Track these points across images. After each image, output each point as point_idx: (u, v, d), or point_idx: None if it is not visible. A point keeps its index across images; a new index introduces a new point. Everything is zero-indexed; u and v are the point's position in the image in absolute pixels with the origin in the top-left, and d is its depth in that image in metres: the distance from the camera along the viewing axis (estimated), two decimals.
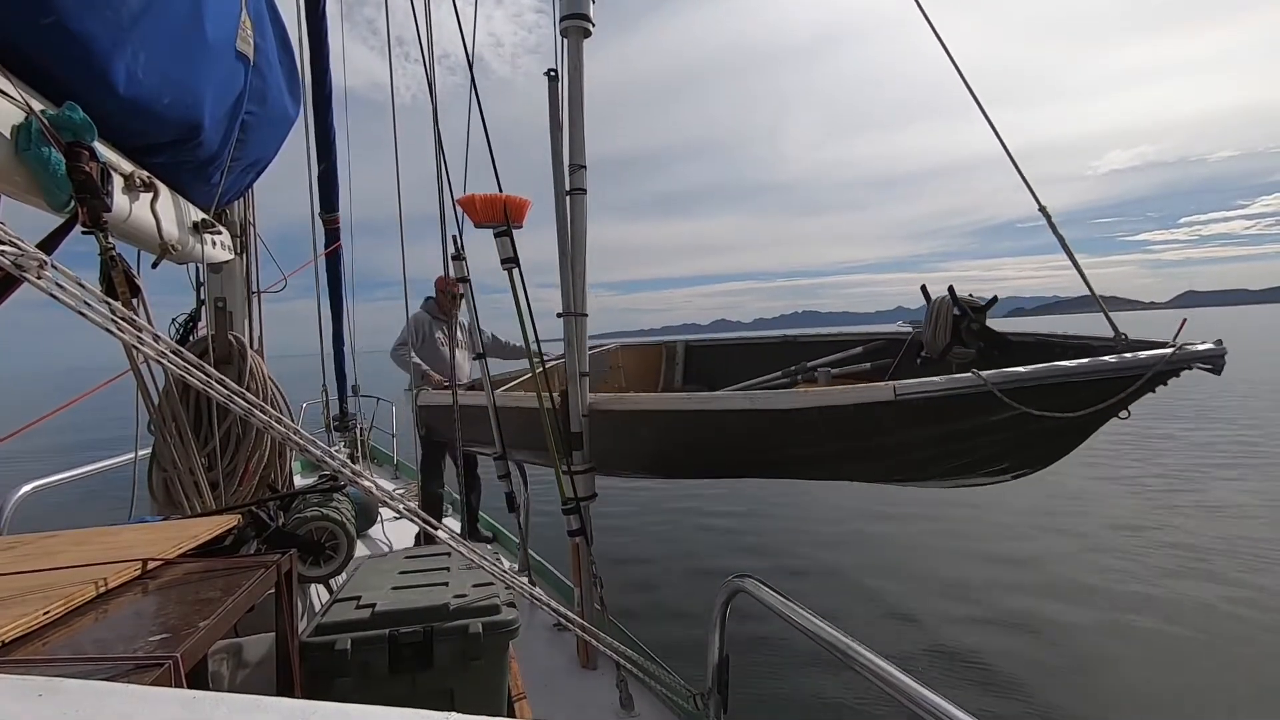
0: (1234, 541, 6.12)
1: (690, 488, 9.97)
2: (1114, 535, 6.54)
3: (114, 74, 1.30)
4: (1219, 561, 5.65)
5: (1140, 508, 7.32)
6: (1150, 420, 11.32)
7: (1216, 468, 8.83)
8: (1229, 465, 9.04)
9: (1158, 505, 7.30)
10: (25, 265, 0.80)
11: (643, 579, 5.97)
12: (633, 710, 2.11)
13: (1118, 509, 7.55)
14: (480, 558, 1.44)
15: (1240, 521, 6.59)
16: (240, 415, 1.08)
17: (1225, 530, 6.40)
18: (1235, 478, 8.38)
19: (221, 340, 2.14)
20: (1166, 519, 6.82)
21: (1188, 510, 7.21)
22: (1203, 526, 6.56)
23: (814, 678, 4.08)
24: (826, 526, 7.77)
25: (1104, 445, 10.07)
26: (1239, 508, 7.16)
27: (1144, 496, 7.85)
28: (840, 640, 1.24)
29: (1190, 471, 8.74)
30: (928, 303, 3.07)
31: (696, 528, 7.85)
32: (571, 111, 2.41)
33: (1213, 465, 9.07)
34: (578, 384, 2.45)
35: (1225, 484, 8.21)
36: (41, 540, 1.25)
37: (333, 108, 4.30)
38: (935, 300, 3.01)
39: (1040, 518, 7.53)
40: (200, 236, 1.93)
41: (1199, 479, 8.45)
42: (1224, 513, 7.07)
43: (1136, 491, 7.95)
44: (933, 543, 7.07)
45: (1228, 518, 6.87)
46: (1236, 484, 8.10)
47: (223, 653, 1.60)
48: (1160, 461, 9.15)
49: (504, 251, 2.55)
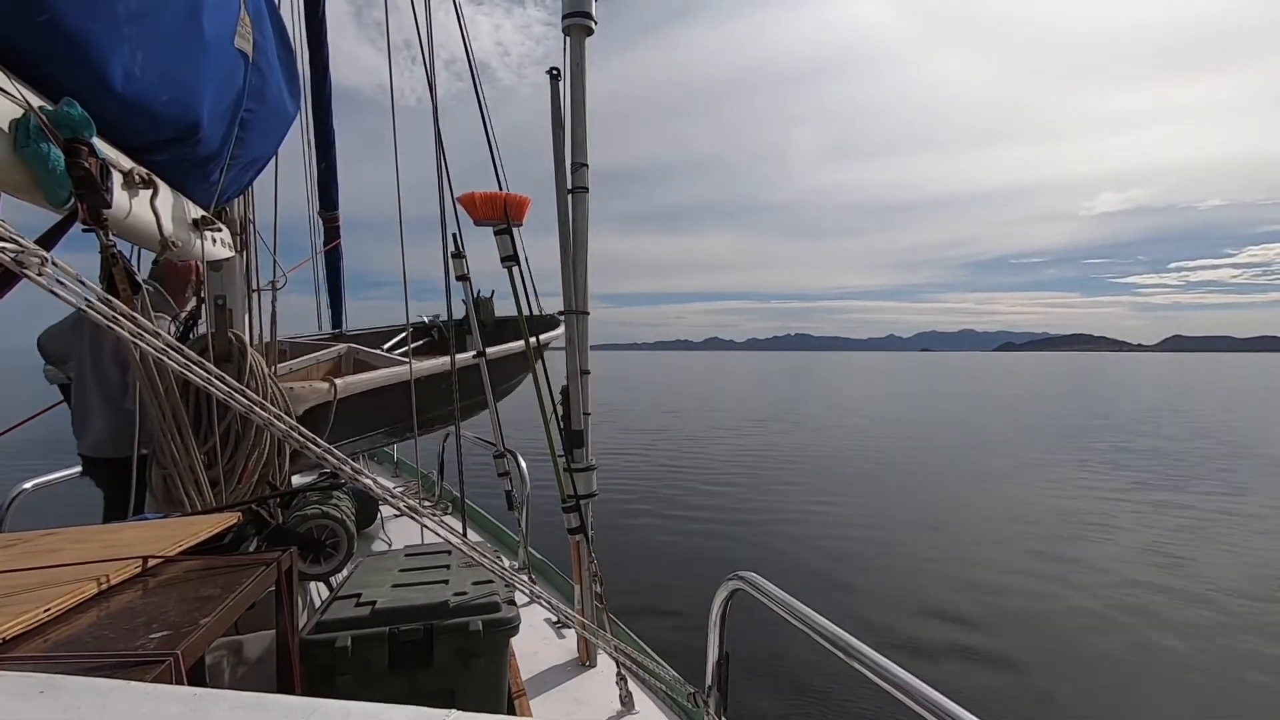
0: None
1: (691, 487, 10.00)
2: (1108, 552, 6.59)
3: (111, 71, 1.29)
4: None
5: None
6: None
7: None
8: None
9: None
10: (25, 262, 0.80)
11: (643, 577, 5.98)
12: (632, 708, 2.11)
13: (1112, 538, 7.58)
14: (480, 555, 1.43)
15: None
16: (240, 413, 1.08)
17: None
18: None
19: (221, 338, 2.13)
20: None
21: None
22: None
23: (813, 674, 4.09)
24: (827, 526, 7.79)
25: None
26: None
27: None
28: (839, 636, 1.24)
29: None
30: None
31: (697, 526, 7.86)
32: (574, 110, 2.41)
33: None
34: (579, 382, 2.45)
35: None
36: (41, 538, 1.25)
37: (333, 106, 4.29)
38: (479, 300, 4.21)
39: (1037, 524, 7.54)
40: (200, 233, 1.93)
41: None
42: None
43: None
44: (933, 542, 7.09)
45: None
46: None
47: (223, 650, 1.60)
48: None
49: (504, 249, 2.55)
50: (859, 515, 8.21)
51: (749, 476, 10.96)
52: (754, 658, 4.23)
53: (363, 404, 2.84)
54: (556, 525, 2.54)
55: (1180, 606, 5.25)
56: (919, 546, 6.93)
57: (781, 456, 13.15)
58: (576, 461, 2.43)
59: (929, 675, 1.04)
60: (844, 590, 5.70)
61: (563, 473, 2.44)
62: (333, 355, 3.66)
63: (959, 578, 5.96)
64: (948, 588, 5.71)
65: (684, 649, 2.93)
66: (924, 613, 5.19)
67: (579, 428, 2.44)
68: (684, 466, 11.88)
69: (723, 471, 11.39)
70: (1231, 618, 5.02)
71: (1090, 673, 4.24)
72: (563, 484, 2.44)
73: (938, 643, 4.68)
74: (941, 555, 6.62)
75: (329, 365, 3.66)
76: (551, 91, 2.44)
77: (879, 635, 4.69)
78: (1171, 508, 8.41)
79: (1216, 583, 5.71)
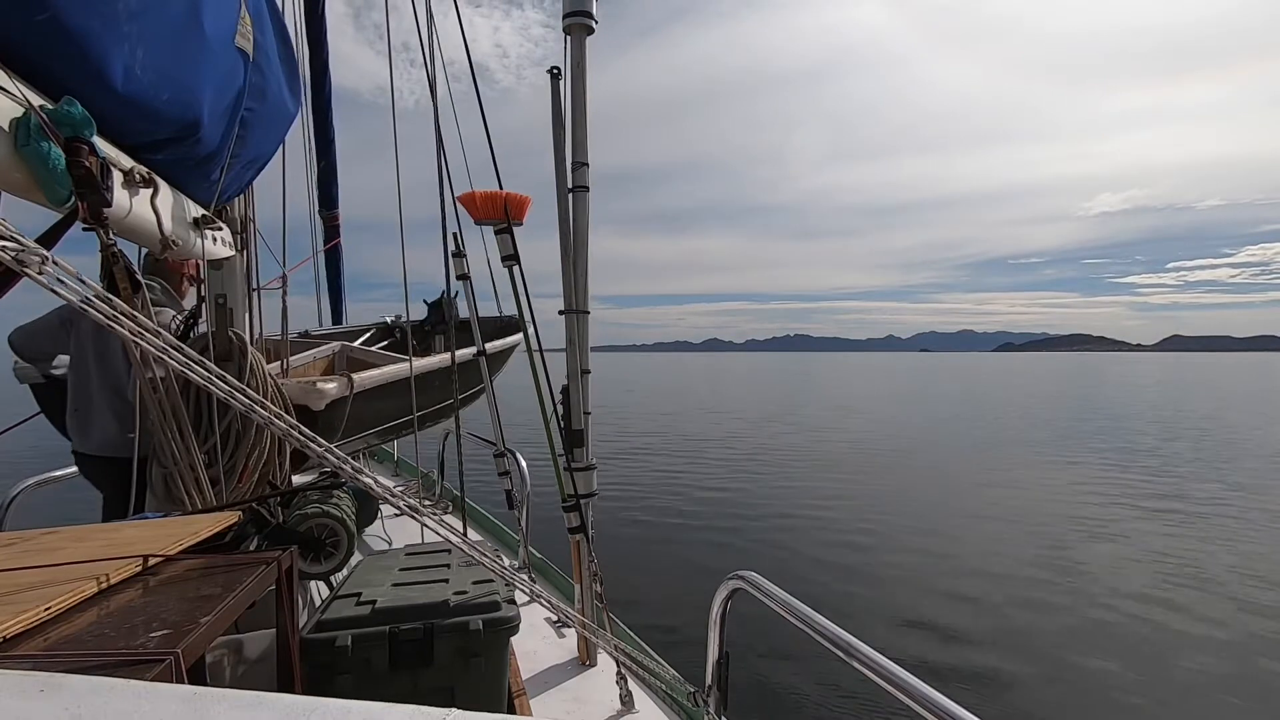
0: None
1: (691, 487, 10.01)
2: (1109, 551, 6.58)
3: (111, 70, 1.29)
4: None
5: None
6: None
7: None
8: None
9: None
10: (26, 260, 0.80)
11: (643, 576, 5.98)
12: (632, 707, 2.11)
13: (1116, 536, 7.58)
14: (481, 555, 1.44)
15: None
16: (241, 411, 1.08)
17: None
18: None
19: (222, 337, 2.13)
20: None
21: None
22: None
23: (813, 674, 4.09)
24: (826, 525, 7.79)
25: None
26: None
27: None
28: (839, 636, 1.24)
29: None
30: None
31: (697, 526, 7.87)
32: (574, 109, 2.41)
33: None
34: (579, 381, 2.45)
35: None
36: (42, 536, 1.25)
37: (333, 106, 4.29)
38: (432, 302, 4.65)
39: (1037, 526, 7.54)
40: (200, 232, 1.93)
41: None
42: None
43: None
44: (934, 542, 7.09)
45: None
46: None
47: (224, 649, 1.60)
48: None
49: (504, 249, 2.55)
50: (859, 515, 8.22)
51: (749, 476, 10.97)
52: (754, 657, 4.24)
53: (369, 401, 2.85)
54: (557, 525, 2.54)
55: (1186, 607, 5.25)
56: (920, 546, 6.93)
57: (782, 456, 13.16)
58: (577, 461, 2.43)
59: (930, 675, 1.04)
60: (844, 590, 5.71)
61: (563, 472, 2.44)
62: (327, 353, 3.67)
63: (960, 577, 5.96)
64: (949, 587, 5.71)
65: (684, 649, 2.94)
66: (925, 612, 5.19)
67: (579, 427, 2.44)
68: (684, 466, 11.89)
69: (723, 471, 11.40)
70: (1243, 617, 5.02)
71: (1091, 673, 4.24)
72: (563, 483, 2.44)
73: (939, 642, 4.68)
74: (943, 555, 6.62)
75: (324, 363, 3.68)
76: (552, 91, 2.44)
77: (879, 635, 4.69)
78: (1182, 511, 8.40)
79: (1227, 584, 5.71)
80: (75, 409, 2.30)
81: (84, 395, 2.29)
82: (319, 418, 2.53)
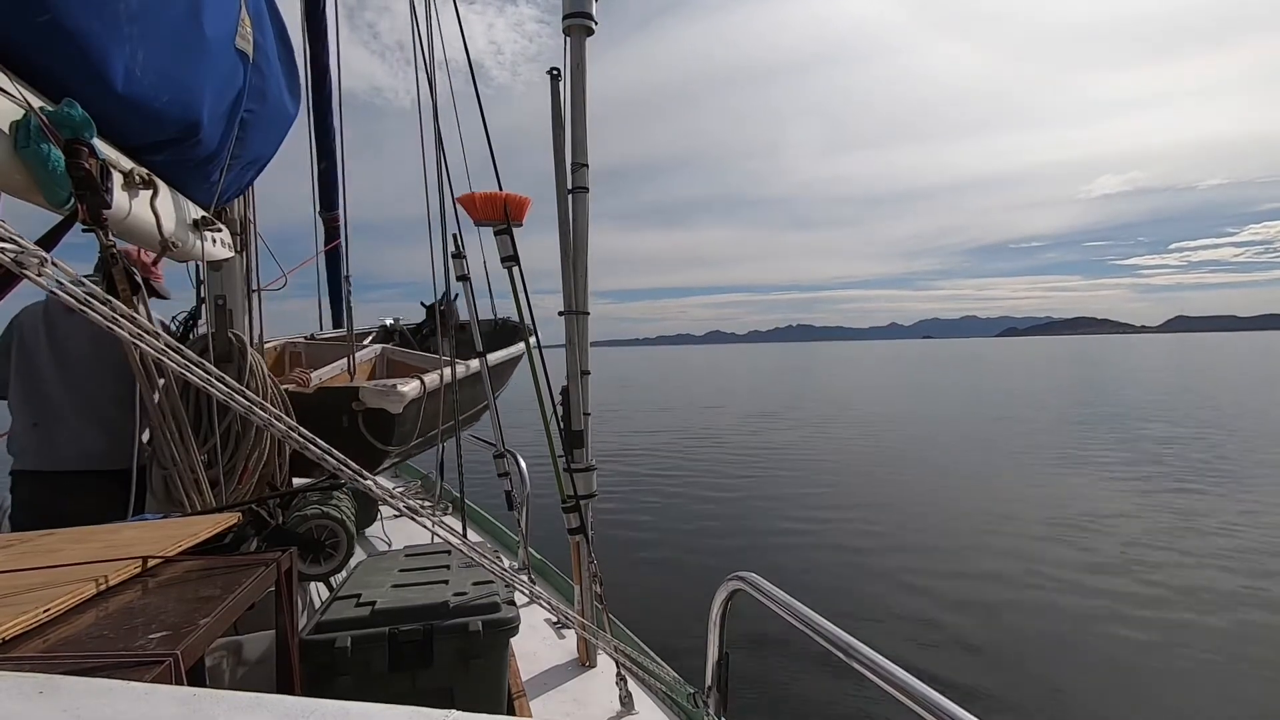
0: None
1: (691, 486, 10.01)
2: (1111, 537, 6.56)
3: (111, 71, 1.29)
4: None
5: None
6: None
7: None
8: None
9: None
10: (25, 262, 0.80)
11: (643, 577, 5.98)
12: (632, 708, 2.11)
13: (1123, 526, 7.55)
14: (480, 556, 1.44)
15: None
16: (240, 413, 1.08)
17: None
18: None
19: (221, 338, 2.13)
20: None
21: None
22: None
23: (813, 674, 4.09)
24: (828, 525, 7.78)
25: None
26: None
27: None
28: (839, 636, 1.24)
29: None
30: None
31: (697, 526, 7.86)
32: (574, 110, 2.41)
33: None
34: (579, 382, 2.45)
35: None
36: (41, 538, 1.25)
37: (333, 106, 4.28)
38: (430, 305, 4.46)
39: (1044, 526, 7.53)
40: (200, 234, 1.93)
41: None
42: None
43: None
44: (935, 541, 7.08)
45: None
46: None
47: (223, 650, 1.60)
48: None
49: (504, 250, 2.55)
50: (862, 514, 8.21)
51: (749, 475, 10.96)
52: (754, 658, 4.23)
53: (427, 404, 2.87)
54: (556, 525, 2.54)
55: (1191, 605, 5.24)
56: (922, 545, 6.93)
57: (783, 454, 13.14)
58: (576, 462, 2.43)
59: (931, 675, 1.04)
60: (845, 590, 5.70)
61: (562, 473, 2.44)
62: (369, 357, 3.62)
63: (962, 576, 5.95)
64: (951, 586, 5.70)
65: (684, 649, 2.93)
66: (926, 612, 5.18)
67: (579, 428, 2.44)
68: (684, 466, 11.88)
69: (723, 471, 11.39)
70: (1249, 607, 5.01)
71: (1093, 672, 4.23)
72: (562, 484, 2.44)
73: (939, 642, 4.67)
74: (945, 554, 6.61)
75: (368, 367, 3.63)
76: (551, 91, 2.44)
77: (880, 635, 4.69)
78: (1196, 506, 8.35)
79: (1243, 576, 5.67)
80: (36, 423, 2.05)
81: (46, 410, 2.05)
82: (395, 421, 2.49)
